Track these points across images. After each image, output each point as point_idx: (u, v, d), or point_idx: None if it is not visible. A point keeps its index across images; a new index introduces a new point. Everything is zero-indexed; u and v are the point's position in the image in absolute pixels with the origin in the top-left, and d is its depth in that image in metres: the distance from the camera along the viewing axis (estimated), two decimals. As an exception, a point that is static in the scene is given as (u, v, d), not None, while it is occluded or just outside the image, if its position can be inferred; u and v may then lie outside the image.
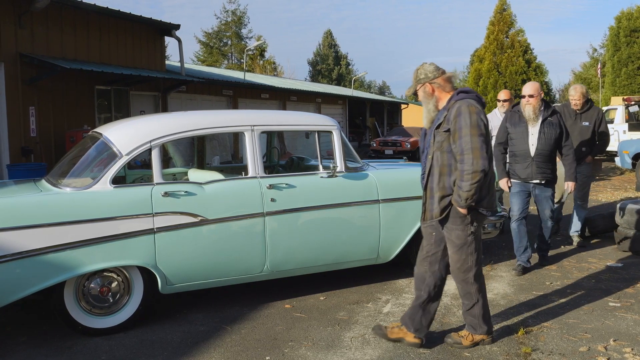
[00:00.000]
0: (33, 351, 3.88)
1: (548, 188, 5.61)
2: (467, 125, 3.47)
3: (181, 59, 15.19)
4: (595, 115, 6.55)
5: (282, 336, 4.09)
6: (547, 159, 5.52)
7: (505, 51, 34.05)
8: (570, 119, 6.52)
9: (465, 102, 3.54)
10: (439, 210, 3.66)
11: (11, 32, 10.11)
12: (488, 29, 35.03)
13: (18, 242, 3.74)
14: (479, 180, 3.46)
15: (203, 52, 51.88)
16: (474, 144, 3.45)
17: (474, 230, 3.67)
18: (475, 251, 3.72)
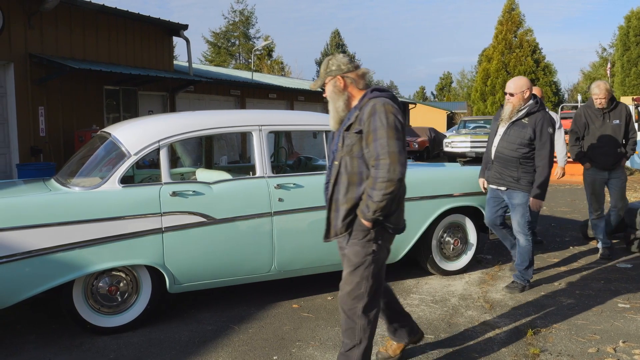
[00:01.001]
0: (42, 349, 3.90)
1: (515, 195, 4.92)
2: (384, 126, 2.93)
3: (189, 59, 15.22)
4: (625, 112, 5.97)
5: (289, 336, 4.09)
6: (508, 164, 4.90)
7: (513, 51, 33.98)
8: (598, 120, 5.95)
9: (380, 101, 3.02)
10: (344, 225, 3.11)
11: (21, 33, 10.17)
12: (496, 28, 34.98)
13: (28, 241, 3.76)
14: (393, 190, 2.92)
15: (211, 52, 52.00)
16: (391, 147, 2.90)
17: (376, 249, 3.09)
18: (372, 278, 3.10)
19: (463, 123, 22.95)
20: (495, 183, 5.04)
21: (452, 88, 76.07)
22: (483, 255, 6.25)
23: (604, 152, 5.94)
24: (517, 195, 4.91)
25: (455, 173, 5.58)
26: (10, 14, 9.86)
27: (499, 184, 5.01)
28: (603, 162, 5.96)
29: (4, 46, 9.83)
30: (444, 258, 5.47)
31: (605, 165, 5.97)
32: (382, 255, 3.16)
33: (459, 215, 5.47)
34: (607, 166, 5.96)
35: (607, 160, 5.94)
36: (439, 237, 5.41)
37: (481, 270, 5.71)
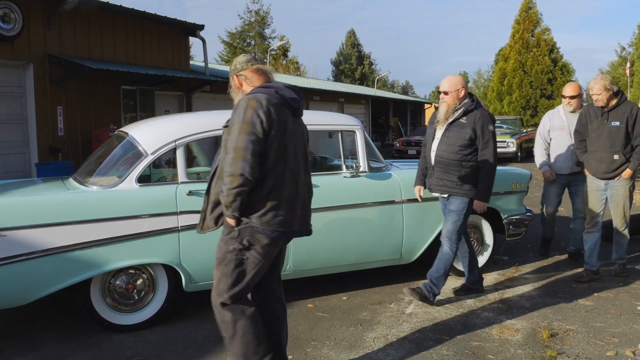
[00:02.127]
0: (60, 346, 3.95)
1: (453, 201, 4.62)
2: (240, 121, 2.86)
3: (205, 59, 15.30)
4: (628, 112, 5.06)
5: (304, 335, 4.10)
6: (450, 168, 4.57)
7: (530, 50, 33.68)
8: (596, 120, 5.20)
9: (250, 97, 2.94)
10: (212, 219, 3.07)
11: (40, 33, 10.29)
12: (513, 27, 34.71)
13: (46, 239, 3.81)
14: (238, 185, 2.81)
15: (227, 52, 52.18)
16: (238, 142, 2.83)
17: (238, 248, 2.98)
18: (233, 277, 2.99)
19: (479, 123, 22.76)
20: (438, 190, 4.68)
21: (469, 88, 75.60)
22: (499, 257, 6.21)
23: (597, 157, 5.18)
24: (455, 200, 4.59)
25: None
26: (30, 15, 9.98)
27: (441, 190, 4.65)
28: (594, 169, 5.22)
29: (24, 47, 9.96)
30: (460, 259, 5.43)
31: (596, 172, 5.20)
32: (248, 256, 3.00)
33: (474, 215, 5.43)
34: (600, 174, 5.18)
35: (599, 167, 5.15)
36: (454, 237, 5.37)
37: (497, 271, 5.67)
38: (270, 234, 2.96)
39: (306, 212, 3.15)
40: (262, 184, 2.91)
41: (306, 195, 3.15)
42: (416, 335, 4.07)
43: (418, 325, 4.26)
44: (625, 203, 5.19)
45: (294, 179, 3.02)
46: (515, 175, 5.74)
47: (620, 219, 5.23)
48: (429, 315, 4.47)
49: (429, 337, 4.03)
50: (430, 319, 4.38)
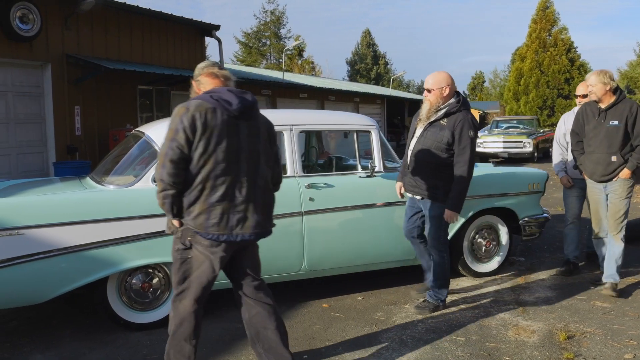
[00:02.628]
0: (77, 344, 3.99)
1: (432, 205, 4.39)
2: (168, 128, 2.95)
3: (221, 59, 15.36)
4: (627, 111, 4.72)
5: (319, 335, 4.10)
6: (423, 171, 4.37)
7: (547, 49, 33.37)
8: (593, 119, 4.87)
9: (182, 104, 3.00)
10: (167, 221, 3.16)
11: (58, 34, 10.40)
12: (530, 27, 34.40)
13: (64, 238, 3.85)
14: (161, 190, 2.92)
15: (242, 52, 52.37)
16: (162, 148, 2.91)
17: (182, 248, 3.05)
18: (177, 274, 3.08)
19: (495, 123, 22.67)
20: (411, 191, 4.49)
21: (485, 87, 75.14)
22: (516, 258, 6.16)
23: (594, 159, 4.87)
24: (434, 206, 4.37)
25: (488, 174, 5.51)
26: (48, 15, 10.09)
27: (414, 192, 4.45)
28: (591, 171, 4.92)
29: (42, 47, 10.07)
30: (476, 259, 5.41)
31: (593, 175, 4.91)
32: (192, 255, 3.04)
33: (491, 216, 5.40)
34: (597, 177, 4.88)
35: (596, 169, 4.85)
36: (470, 238, 5.35)
37: (514, 272, 5.63)
38: (205, 236, 2.97)
39: (255, 216, 3.05)
40: (192, 187, 2.94)
41: (256, 198, 3.06)
42: (431, 336, 4.05)
43: (433, 326, 4.24)
44: (622, 205, 4.81)
45: (231, 182, 2.97)
46: (532, 176, 5.69)
47: (614, 221, 4.85)
48: (444, 316, 4.45)
49: (444, 338, 4.01)
50: (446, 320, 4.36)
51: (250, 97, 3.12)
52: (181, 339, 3.13)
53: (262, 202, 3.10)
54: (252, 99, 3.12)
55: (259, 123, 3.15)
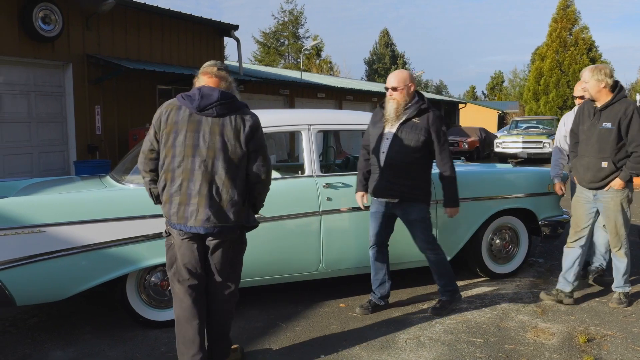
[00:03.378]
0: (97, 341, 4.03)
1: (412, 209, 4.33)
2: None
3: (239, 59, 15.43)
4: (622, 112, 4.28)
5: (336, 335, 4.10)
6: (401, 172, 4.25)
7: (568, 49, 33.03)
8: (588, 120, 4.48)
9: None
10: None
11: (79, 34, 10.52)
12: (550, 26, 34.07)
13: (84, 236, 3.89)
14: (142, 177, 3.37)
15: (260, 52, 52.55)
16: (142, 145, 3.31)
17: (165, 235, 3.34)
18: (167, 259, 3.37)
19: (515, 123, 22.49)
20: (387, 195, 4.32)
21: (504, 87, 74.54)
22: (535, 259, 6.11)
23: (584, 163, 4.51)
24: (414, 209, 4.32)
25: (507, 174, 5.47)
26: (69, 16, 10.22)
27: (390, 195, 4.31)
28: (580, 177, 4.59)
29: (63, 48, 10.20)
30: (494, 261, 5.37)
31: (582, 181, 4.57)
32: (173, 242, 3.28)
33: (510, 217, 5.36)
34: (586, 183, 4.53)
35: (585, 175, 4.50)
36: (489, 239, 5.32)
37: (532, 274, 5.58)
38: (170, 224, 3.23)
39: (206, 210, 3.11)
40: (159, 177, 3.25)
41: (210, 193, 3.12)
42: (449, 337, 4.03)
43: (451, 327, 4.22)
44: (617, 218, 4.46)
45: (186, 176, 3.13)
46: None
47: (613, 236, 4.54)
48: (462, 317, 4.42)
49: (462, 339, 3.99)
50: (464, 321, 4.33)
51: (217, 95, 3.17)
52: (183, 322, 3.26)
53: (218, 197, 3.14)
54: (218, 97, 3.16)
55: (226, 120, 3.17)
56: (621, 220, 4.47)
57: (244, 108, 3.27)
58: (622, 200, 4.44)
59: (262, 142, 3.26)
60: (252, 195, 3.30)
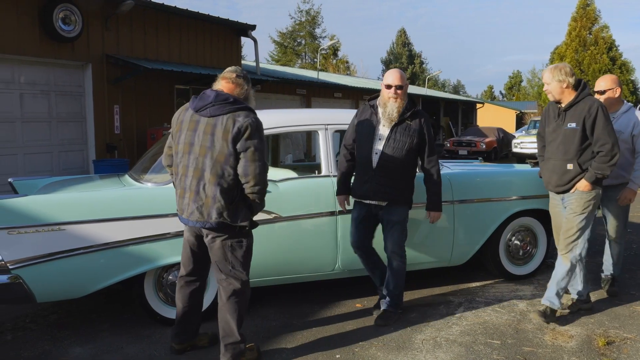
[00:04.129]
0: (116, 338, 4.07)
1: (396, 210, 4.26)
2: None
3: (256, 59, 15.47)
4: (586, 111, 4.08)
5: (352, 335, 4.09)
6: (394, 174, 4.18)
7: (588, 48, 32.68)
8: (553, 121, 4.31)
9: None
10: None
11: (98, 35, 10.63)
12: (570, 25, 33.75)
13: (103, 234, 3.93)
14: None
15: (277, 52, 52.66)
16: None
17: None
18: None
19: (533, 123, 22.29)
20: (377, 197, 4.21)
21: (522, 87, 73.87)
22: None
23: (550, 166, 4.33)
24: (397, 210, 4.24)
25: (525, 175, 5.42)
26: (89, 17, 10.32)
27: (381, 197, 4.20)
28: (547, 181, 4.42)
29: (83, 48, 10.31)
30: (512, 262, 5.33)
31: (548, 184, 4.40)
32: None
33: (528, 218, 5.31)
34: (552, 187, 4.36)
35: (551, 178, 4.32)
36: (507, 240, 5.27)
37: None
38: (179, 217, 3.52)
39: (193, 205, 3.35)
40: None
41: (199, 189, 3.33)
42: (466, 339, 4.01)
43: (468, 328, 4.19)
44: (574, 220, 4.18)
45: (183, 172, 3.41)
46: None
47: (564, 238, 4.25)
48: (479, 318, 4.40)
49: (479, 341, 3.97)
50: (481, 322, 4.31)
51: (212, 97, 3.36)
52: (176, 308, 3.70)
53: (204, 194, 3.32)
54: (213, 99, 3.35)
55: (218, 121, 3.31)
56: (579, 223, 4.18)
57: (242, 110, 3.34)
58: (586, 203, 4.16)
59: (252, 143, 3.28)
60: (245, 195, 3.37)
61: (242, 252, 3.46)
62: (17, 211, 3.79)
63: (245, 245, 3.47)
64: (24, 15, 9.25)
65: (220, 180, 3.28)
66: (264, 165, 3.32)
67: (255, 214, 3.47)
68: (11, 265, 3.75)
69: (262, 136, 3.34)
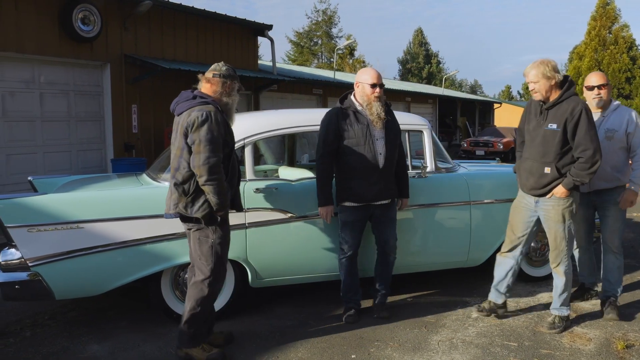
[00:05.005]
0: (132, 335, 4.10)
1: (392, 207, 4.35)
2: None
3: (273, 59, 15.50)
4: (568, 113, 3.85)
5: (367, 335, 4.08)
6: (392, 171, 4.27)
7: (607, 48, 32.26)
8: (534, 119, 4.08)
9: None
10: None
11: (117, 35, 10.72)
12: (589, 24, 33.34)
13: (120, 232, 3.97)
14: None
15: (294, 52, 52.70)
16: None
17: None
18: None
19: (551, 123, 22.02)
20: (383, 197, 4.23)
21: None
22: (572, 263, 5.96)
23: (527, 167, 4.12)
24: (393, 206, 4.36)
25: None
26: (108, 17, 10.41)
27: (386, 197, 4.24)
28: (521, 182, 4.22)
29: (102, 48, 10.40)
30: (530, 264, 5.27)
31: (524, 186, 4.19)
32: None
33: (546, 219, 5.25)
34: (527, 189, 4.14)
35: (527, 180, 4.11)
36: (524, 241, 5.22)
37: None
38: None
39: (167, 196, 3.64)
40: None
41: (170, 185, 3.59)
42: (482, 340, 3.98)
43: (484, 330, 4.16)
44: (557, 230, 4.04)
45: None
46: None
47: (552, 250, 4.12)
48: (496, 320, 4.36)
49: (496, 343, 3.94)
50: (498, 324, 4.27)
51: (178, 97, 3.61)
52: None
53: (170, 189, 3.56)
54: (178, 99, 3.61)
55: (181, 118, 3.51)
56: (562, 233, 4.04)
57: (198, 105, 3.48)
58: (565, 210, 4.00)
59: (197, 136, 3.39)
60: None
61: (206, 247, 3.54)
62: (36, 209, 3.83)
63: (211, 241, 3.55)
64: (44, 16, 9.35)
65: (175, 174, 3.50)
66: (209, 157, 3.37)
67: (219, 208, 3.46)
68: (31, 262, 3.80)
69: (211, 128, 3.39)
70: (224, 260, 3.66)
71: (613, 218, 4.39)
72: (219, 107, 3.56)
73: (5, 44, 8.75)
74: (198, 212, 3.46)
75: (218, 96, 3.62)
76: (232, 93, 3.68)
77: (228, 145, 3.55)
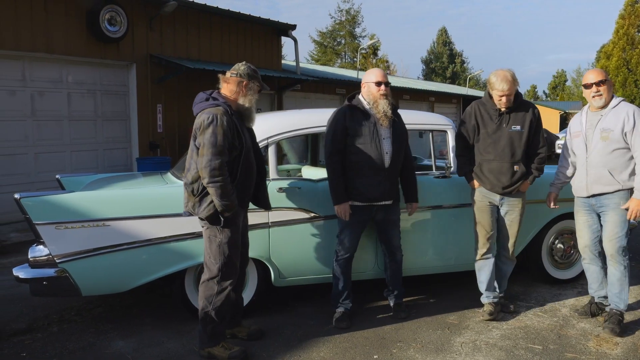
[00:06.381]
0: (156, 332, 4.15)
1: (396, 208, 4.32)
2: None
3: (296, 59, 15.53)
4: (530, 114, 4.26)
5: (390, 336, 4.07)
6: (397, 172, 4.26)
7: (636, 47, 31.69)
8: (491, 123, 4.27)
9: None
10: None
11: (143, 35, 10.84)
12: (617, 23, 32.79)
13: (145, 230, 4.02)
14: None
15: (317, 52, 52.73)
16: None
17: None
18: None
19: (578, 124, 21.67)
20: (388, 198, 4.21)
21: (567, 87, 72.12)
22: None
23: (495, 168, 4.25)
24: (396, 208, 4.33)
25: (570, 176, 5.28)
26: (134, 17, 10.54)
27: (390, 197, 4.23)
28: (492, 183, 4.30)
29: (128, 48, 10.53)
30: (555, 266, 5.21)
31: (494, 186, 4.29)
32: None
33: (571, 221, 5.17)
34: (499, 189, 4.28)
35: (499, 180, 4.25)
36: (549, 243, 5.16)
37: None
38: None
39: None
40: None
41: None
42: (506, 343, 3.94)
43: (508, 332, 4.12)
44: (518, 223, 4.41)
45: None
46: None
47: (513, 240, 4.44)
48: (520, 322, 4.32)
49: (520, 346, 3.89)
50: (522, 327, 4.23)
51: (197, 98, 3.68)
52: None
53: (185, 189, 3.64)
54: (195, 100, 3.67)
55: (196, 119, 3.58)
56: (521, 223, 4.46)
57: (208, 108, 3.52)
58: (525, 202, 4.43)
59: (202, 138, 3.45)
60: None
61: (214, 246, 3.58)
62: (64, 207, 3.90)
63: (218, 241, 3.56)
64: (72, 17, 9.51)
65: (187, 174, 3.57)
66: (211, 160, 3.39)
67: (223, 209, 3.46)
68: (58, 259, 3.87)
69: (215, 131, 3.41)
70: (233, 259, 3.64)
71: (612, 224, 4.12)
72: (231, 109, 3.55)
73: (35, 44, 8.92)
74: (203, 212, 3.51)
75: (234, 96, 3.65)
76: (249, 93, 3.68)
77: (236, 147, 3.51)
